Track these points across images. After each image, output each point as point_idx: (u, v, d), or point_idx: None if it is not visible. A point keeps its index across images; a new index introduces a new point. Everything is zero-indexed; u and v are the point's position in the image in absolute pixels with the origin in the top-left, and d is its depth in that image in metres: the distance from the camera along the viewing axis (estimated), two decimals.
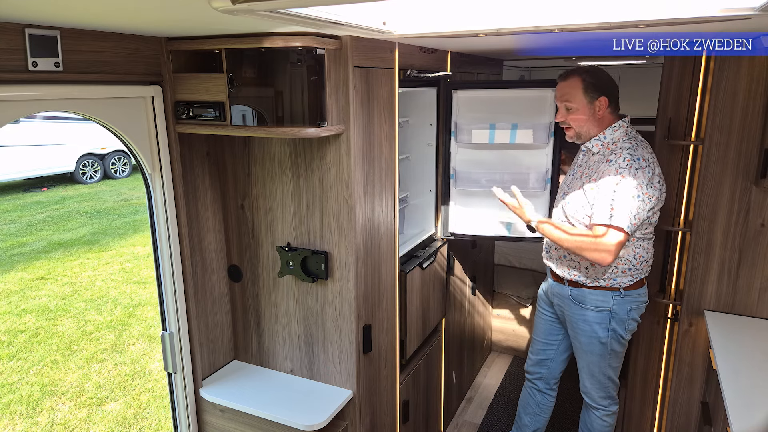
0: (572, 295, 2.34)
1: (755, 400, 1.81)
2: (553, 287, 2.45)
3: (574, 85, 2.20)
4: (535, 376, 2.67)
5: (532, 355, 2.68)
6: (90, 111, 1.60)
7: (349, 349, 2.04)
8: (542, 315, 2.60)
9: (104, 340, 4.82)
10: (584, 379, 2.48)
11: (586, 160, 2.28)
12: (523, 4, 1.52)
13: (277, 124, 1.76)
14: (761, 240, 2.36)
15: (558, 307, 2.47)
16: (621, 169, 2.06)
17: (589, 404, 2.53)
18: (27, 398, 3.95)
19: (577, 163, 2.36)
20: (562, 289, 2.39)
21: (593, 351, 2.37)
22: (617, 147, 2.17)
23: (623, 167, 2.07)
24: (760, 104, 2.25)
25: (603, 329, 2.31)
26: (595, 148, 2.24)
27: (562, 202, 2.33)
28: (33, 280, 6.12)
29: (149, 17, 1.37)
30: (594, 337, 2.33)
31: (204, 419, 2.15)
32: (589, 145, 2.25)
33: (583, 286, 2.31)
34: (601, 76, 2.21)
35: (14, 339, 4.84)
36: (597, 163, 2.20)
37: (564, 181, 2.43)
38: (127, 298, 5.68)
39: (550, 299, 2.52)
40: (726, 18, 1.37)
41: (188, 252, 1.98)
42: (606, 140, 2.21)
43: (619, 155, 2.11)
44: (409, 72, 2.17)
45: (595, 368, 2.41)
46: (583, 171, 2.26)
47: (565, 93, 2.22)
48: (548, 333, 2.59)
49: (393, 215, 2.20)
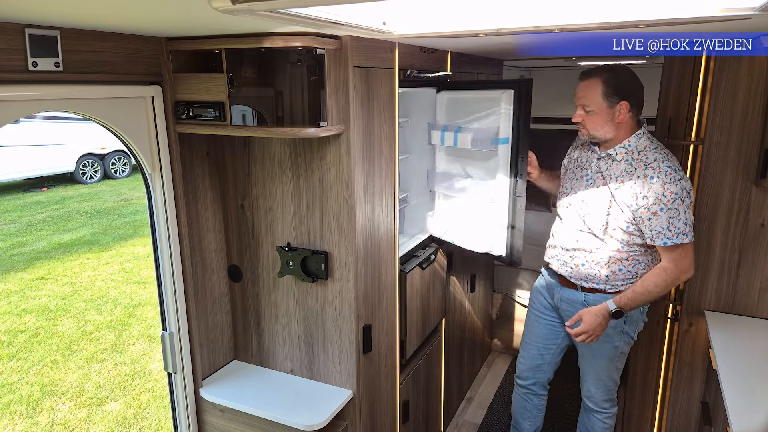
0: (587, 300, 2.27)
1: (755, 400, 1.81)
2: (562, 292, 2.37)
3: (593, 87, 2.09)
4: (530, 381, 2.61)
5: (526, 360, 2.60)
6: (90, 111, 1.60)
7: (349, 349, 2.04)
8: (541, 319, 2.52)
9: (104, 340, 4.82)
10: (589, 384, 2.45)
11: (607, 166, 2.16)
12: (523, 4, 1.52)
13: (277, 124, 1.76)
14: (761, 240, 2.36)
15: (566, 312, 2.37)
16: (669, 185, 2.02)
17: (590, 408, 2.50)
18: (27, 398, 3.96)
19: (590, 167, 2.23)
20: (575, 295, 2.31)
21: (604, 355, 2.34)
22: (648, 158, 2.08)
23: (669, 182, 2.02)
24: (760, 104, 2.25)
25: (617, 333, 2.28)
26: (618, 156, 2.13)
27: (580, 212, 2.22)
28: (33, 280, 6.13)
29: (149, 17, 1.37)
30: (608, 343, 2.29)
31: (204, 419, 2.15)
32: (612, 152, 2.14)
33: (601, 292, 2.24)
34: (624, 78, 2.09)
35: (14, 339, 4.84)
36: (627, 174, 2.10)
37: (571, 186, 2.30)
38: (127, 298, 5.68)
39: (555, 304, 2.43)
40: (726, 18, 1.37)
41: (188, 252, 1.98)
42: (631, 148, 2.12)
43: (659, 169, 2.04)
44: (409, 72, 2.17)
45: (603, 372, 2.39)
46: (607, 179, 2.15)
47: (583, 95, 2.12)
48: (547, 338, 2.52)
49: (393, 215, 2.20)
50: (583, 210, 2.22)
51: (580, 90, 2.14)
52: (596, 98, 2.09)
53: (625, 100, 2.09)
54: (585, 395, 2.50)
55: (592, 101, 2.10)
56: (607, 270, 2.20)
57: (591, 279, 2.25)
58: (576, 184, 2.28)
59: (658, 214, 2.03)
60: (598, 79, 2.09)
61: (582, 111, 2.14)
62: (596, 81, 2.09)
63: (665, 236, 2.05)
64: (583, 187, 2.24)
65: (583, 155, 2.32)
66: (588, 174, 2.24)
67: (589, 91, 2.11)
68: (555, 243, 2.38)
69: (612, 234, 2.15)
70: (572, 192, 2.29)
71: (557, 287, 2.40)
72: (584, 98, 2.12)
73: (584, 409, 2.57)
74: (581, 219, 2.23)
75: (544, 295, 2.51)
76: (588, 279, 2.25)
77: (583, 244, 2.23)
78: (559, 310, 2.44)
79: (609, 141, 2.16)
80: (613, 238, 2.16)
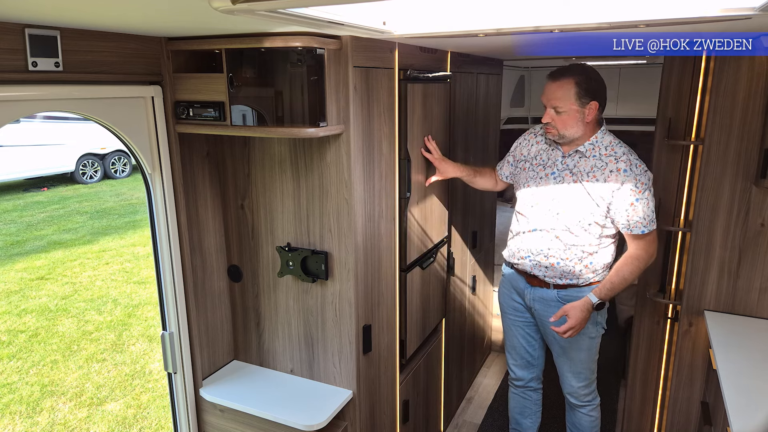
0: (561, 297, 2.31)
1: (755, 400, 1.81)
2: (534, 293, 2.38)
3: (566, 89, 2.10)
4: (526, 379, 2.64)
5: (516, 362, 2.63)
6: (90, 111, 1.60)
7: (349, 349, 2.04)
8: (517, 322, 2.54)
9: (104, 340, 4.82)
10: (570, 380, 2.46)
11: (575, 163, 2.21)
12: (523, 4, 1.52)
13: (277, 124, 1.76)
14: (761, 240, 2.36)
15: (540, 311, 2.40)
16: (639, 176, 2.12)
17: (575, 404, 2.51)
18: (27, 398, 3.96)
19: (555, 165, 2.25)
20: (548, 293, 2.35)
21: (582, 348, 2.37)
22: (617, 152, 2.16)
23: (639, 173, 2.12)
24: (760, 104, 2.25)
25: (593, 324, 2.33)
26: (588, 153, 2.19)
27: (552, 209, 2.24)
28: (33, 280, 6.13)
29: (149, 17, 1.37)
30: (584, 335, 2.33)
31: (204, 419, 2.15)
32: (582, 149, 2.19)
33: (573, 287, 2.29)
34: (594, 78, 2.13)
35: (14, 339, 4.84)
36: (598, 169, 2.15)
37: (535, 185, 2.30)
38: (127, 298, 5.68)
39: (528, 305, 2.44)
40: (726, 18, 1.37)
41: (188, 252, 1.98)
42: (599, 144, 2.18)
43: (630, 162, 2.13)
44: (409, 72, 2.17)
45: (584, 365, 2.41)
46: (577, 176, 2.19)
47: (556, 96, 2.12)
48: (530, 337, 2.55)
49: (393, 215, 2.20)
50: (556, 207, 2.24)
51: (552, 91, 2.14)
52: (569, 99, 2.11)
53: (595, 100, 2.13)
54: (568, 392, 2.51)
55: (565, 103, 2.11)
56: (580, 265, 2.25)
57: (566, 275, 2.28)
58: (541, 182, 2.29)
59: (635, 205, 2.12)
60: (571, 81, 2.10)
61: (553, 112, 2.15)
62: (569, 82, 2.10)
63: (642, 225, 2.15)
64: (552, 185, 2.26)
65: (544, 153, 2.32)
66: (554, 172, 2.26)
67: (562, 92, 2.11)
68: (523, 245, 2.36)
69: (587, 228, 2.20)
70: (538, 191, 2.30)
71: (527, 288, 2.41)
72: (557, 100, 2.13)
73: (569, 407, 2.58)
74: (554, 217, 2.25)
75: (514, 299, 2.52)
76: (563, 276, 2.29)
77: (556, 243, 2.26)
78: (531, 310, 2.46)
79: (575, 140, 2.20)
80: (587, 232, 2.20)
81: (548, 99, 2.15)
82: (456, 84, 2.77)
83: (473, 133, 3.14)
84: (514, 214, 2.44)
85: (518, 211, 2.40)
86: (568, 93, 2.10)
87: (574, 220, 2.20)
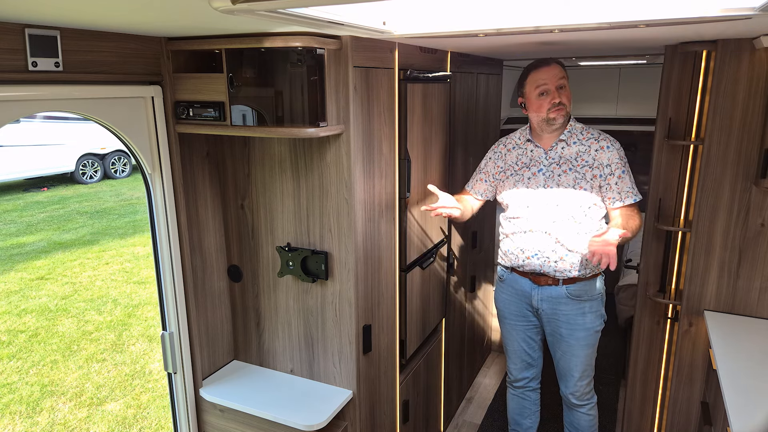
0: (569, 292, 2.33)
1: (755, 400, 1.81)
2: (542, 292, 2.37)
3: (558, 68, 2.23)
4: (526, 380, 2.65)
5: (516, 365, 2.63)
6: (90, 111, 1.60)
7: (349, 349, 2.04)
8: (517, 326, 2.52)
9: (104, 340, 4.82)
10: (574, 379, 2.45)
11: (560, 154, 2.28)
12: (523, 4, 1.52)
13: (277, 124, 1.76)
14: (761, 240, 2.36)
15: (548, 311, 2.39)
16: (619, 150, 2.26)
17: (574, 404, 2.51)
18: (27, 398, 3.96)
19: (541, 162, 2.30)
20: (556, 291, 2.34)
21: (589, 343, 2.38)
22: (593, 133, 2.29)
23: (618, 147, 2.26)
24: (760, 104, 2.25)
25: (598, 317, 2.37)
26: (569, 139, 2.28)
27: (550, 203, 2.26)
28: (33, 280, 6.13)
29: (149, 17, 1.37)
30: (591, 329, 2.36)
31: (204, 419, 2.15)
32: (563, 137, 2.28)
33: (581, 280, 2.32)
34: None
35: (14, 339, 4.84)
36: (584, 152, 2.26)
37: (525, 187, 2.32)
38: (127, 298, 5.68)
39: (536, 306, 2.42)
40: (726, 18, 1.38)
41: (188, 252, 1.98)
42: (575, 131, 2.30)
43: (607, 139, 2.27)
44: (409, 72, 2.17)
45: (589, 360, 2.43)
46: (566, 165, 2.26)
47: (557, 75, 2.23)
48: (529, 339, 2.55)
49: (393, 215, 2.20)
50: (554, 200, 2.27)
51: (552, 72, 2.23)
52: (565, 76, 2.26)
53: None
54: (569, 392, 2.50)
55: (564, 79, 2.25)
56: (585, 252, 2.27)
57: (575, 266, 2.30)
58: (531, 182, 2.32)
59: (623, 177, 2.24)
60: (556, 64, 2.25)
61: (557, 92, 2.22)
62: (555, 64, 2.25)
63: (633, 194, 2.24)
64: (542, 182, 2.30)
65: (523, 156, 2.37)
66: (542, 168, 2.31)
67: (558, 70, 2.24)
68: (526, 245, 2.34)
69: (587, 213, 2.26)
70: (529, 191, 2.32)
71: (535, 289, 2.40)
72: (561, 78, 2.23)
73: (567, 408, 2.58)
74: (554, 210, 2.28)
75: (516, 304, 2.50)
76: (572, 268, 2.30)
77: (561, 235, 2.27)
78: (538, 311, 2.44)
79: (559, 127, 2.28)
80: (587, 216, 2.26)
81: (552, 79, 2.22)
82: (456, 84, 2.77)
83: (473, 133, 3.15)
84: (505, 220, 2.43)
85: (511, 216, 2.39)
86: (562, 71, 2.24)
87: (575, 207, 2.25)
